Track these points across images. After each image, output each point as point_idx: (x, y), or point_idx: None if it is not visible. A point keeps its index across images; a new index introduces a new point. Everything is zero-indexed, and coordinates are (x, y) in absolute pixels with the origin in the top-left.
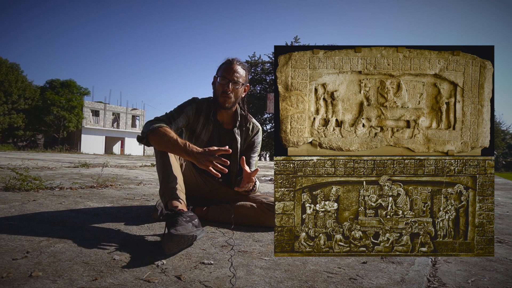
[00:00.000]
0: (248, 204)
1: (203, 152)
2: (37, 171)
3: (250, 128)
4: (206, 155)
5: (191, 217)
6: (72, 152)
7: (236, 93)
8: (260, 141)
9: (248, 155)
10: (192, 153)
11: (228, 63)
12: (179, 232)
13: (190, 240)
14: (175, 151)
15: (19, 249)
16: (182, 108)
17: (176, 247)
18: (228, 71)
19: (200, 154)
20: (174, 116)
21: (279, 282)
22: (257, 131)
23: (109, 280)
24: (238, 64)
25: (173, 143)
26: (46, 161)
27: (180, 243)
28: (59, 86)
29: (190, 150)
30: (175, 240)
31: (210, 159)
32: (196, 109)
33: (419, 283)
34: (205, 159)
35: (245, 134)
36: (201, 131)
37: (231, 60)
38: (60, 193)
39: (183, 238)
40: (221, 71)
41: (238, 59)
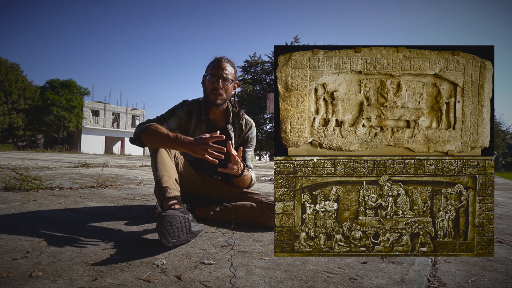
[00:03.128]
0: (248, 204)
1: (196, 141)
2: (37, 171)
3: (243, 124)
4: (200, 144)
5: (185, 212)
6: (72, 152)
7: (226, 89)
8: (254, 136)
9: (243, 150)
10: (185, 144)
11: (216, 61)
12: (168, 213)
13: (184, 224)
14: (168, 145)
15: (19, 249)
16: (173, 111)
17: (170, 230)
18: (217, 68)
19: (194, 143)
20: (166, 117)
21: (279, 282)
22: (250, 126)
23: (109, 280)
24: (227, 61)
25: (165, 137)
26: (46, 161)
27: (173, 225)
28: (59, 86)
29: (183, 140)
30: (166, 220)
31: (205, 147)
32: (187, 110)
33: (419, 283)
34: (200, 147)
35: (239, 130)
36: (194, 132)
37: (219, 58)
38: (60, 193)
39: (175, 218)
40: (210, 69)
41: (226, 57)
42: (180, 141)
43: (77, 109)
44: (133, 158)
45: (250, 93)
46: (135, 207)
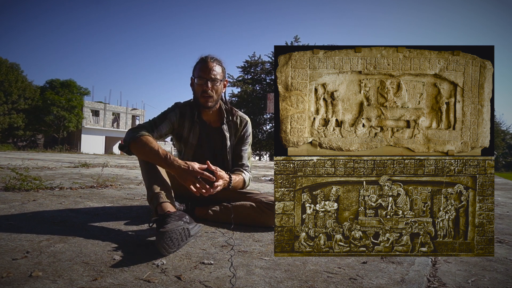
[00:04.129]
0: (248, 203)
1: (185, 169)
2: (37, 171)
3: (238, 122)
4: (188, 174)
5: (180, 215)
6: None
7: (216, 90)
8: (250, 133)
9: (239, 149)
10: (173, 166)
11: (202, 62)
12: (167, 228)
13: (183, 234)
14: (156, 161)
15: (19, 249)
16: (165, 115)
17: (170, 244)
18: (205, 70)
19: (182, 170)
20: (157, 123)
21: (279, 282)
22: (245, 123)
23: (109, 280)
24: (213, 61)
25: (154, 153)
26: (46, 161)
27: (173, 239)
28: (59, 86)
29: (171, 162)
30: (166, 236)
31: (194, 180)
32: (179, 113)
33: (419, 283)
34: (187, 178)
35: (234, 129)
36: (188, 135)
37: (204, 58)
38: (60, 193)
39: (174, 233)
40: (197, 71)
41: (212, 55)
42: (169, 162)
43: (77, 109)
44: (133, 158)
45: (250, 93)
46: (135, 207)
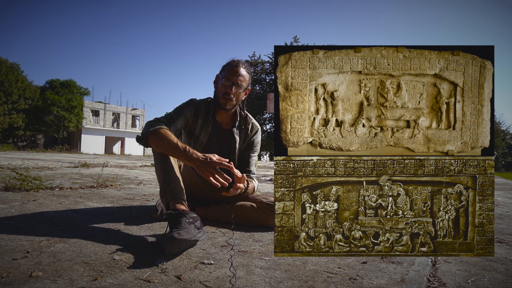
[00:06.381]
0: (248, 204)
1: (204, 160)
2: (37, 171)
3: (250, 128)
4: (208, 164)
5: (194, 219)
6: (72, 152)
7: (238, 96)
8: (259, 141)
9: (247, 155)
10: (192, 159)
11: (233, 65)
12: (182, 237)
13: (192, 244)
14: (174, 154)
15: (19, 249)
16: (180, 110)
17: (177, 249)
18: (233, 73)
19: (201, 162)
20: (173, 117)
21: (279, 282)
22: (256, 131)
23: (109, 280)
24: (244, 67)
25: (173, 146)
26: (46, 161)
27: (181, 246)
28: (59, 86)
29: (190, 155)
30: (177, 244)
31: (212, 170)
32: (194, 111)
33: (419, 283)
34: (207, 168)
35: (244, 134)
36: (200, 133)
37: (236, 62)
38: (60, 193)
39: (185, 242)
40: (226, 72)
41: (243, 61)
42: (188, 155)
43: (77, 109)
44: (133, 158)
45: (250, 93)
46: (135, 207)
